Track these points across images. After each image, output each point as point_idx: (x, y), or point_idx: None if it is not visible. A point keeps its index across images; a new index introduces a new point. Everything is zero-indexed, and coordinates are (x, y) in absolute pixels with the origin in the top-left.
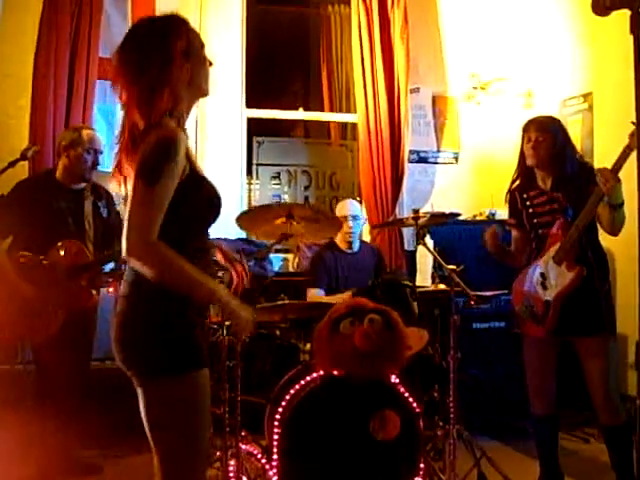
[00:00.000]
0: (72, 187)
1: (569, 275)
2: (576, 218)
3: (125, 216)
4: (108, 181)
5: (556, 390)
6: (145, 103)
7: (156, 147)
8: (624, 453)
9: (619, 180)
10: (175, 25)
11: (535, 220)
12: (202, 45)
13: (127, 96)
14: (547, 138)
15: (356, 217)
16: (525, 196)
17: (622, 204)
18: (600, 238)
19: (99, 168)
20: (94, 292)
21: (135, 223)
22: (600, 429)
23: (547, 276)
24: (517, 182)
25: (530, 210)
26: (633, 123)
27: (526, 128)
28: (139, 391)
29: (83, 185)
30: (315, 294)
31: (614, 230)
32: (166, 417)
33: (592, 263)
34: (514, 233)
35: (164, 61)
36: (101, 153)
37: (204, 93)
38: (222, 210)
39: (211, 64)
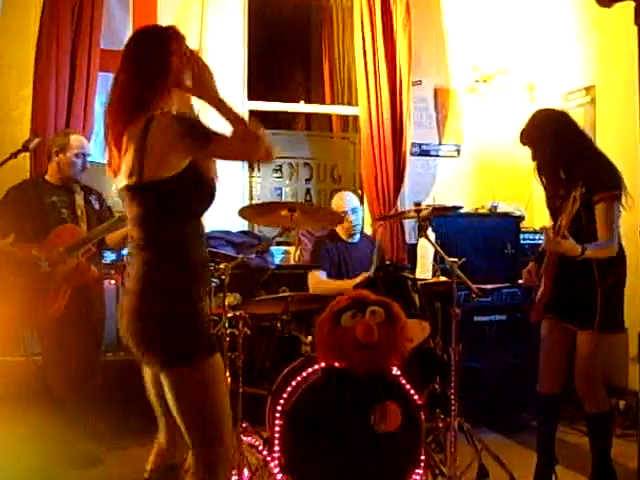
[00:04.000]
0: (62, 185)
1: (541, 289)
2: None
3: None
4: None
5: (564, 375)
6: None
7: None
8: (605, 438)
9: (559, 243)
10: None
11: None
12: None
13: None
14: (535, 150)
15: (355, 209)
16: (562, 192)
17: (583, 252)
18: None
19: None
20: (93, 267)
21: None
22: (585, 417)
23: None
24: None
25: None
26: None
27: None
28: (161, 375)
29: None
30: (317, 276)
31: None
32: (190, 395)
33: (592, 259)
34: None
35: (162, 60)
36: (89, 155)
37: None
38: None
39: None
